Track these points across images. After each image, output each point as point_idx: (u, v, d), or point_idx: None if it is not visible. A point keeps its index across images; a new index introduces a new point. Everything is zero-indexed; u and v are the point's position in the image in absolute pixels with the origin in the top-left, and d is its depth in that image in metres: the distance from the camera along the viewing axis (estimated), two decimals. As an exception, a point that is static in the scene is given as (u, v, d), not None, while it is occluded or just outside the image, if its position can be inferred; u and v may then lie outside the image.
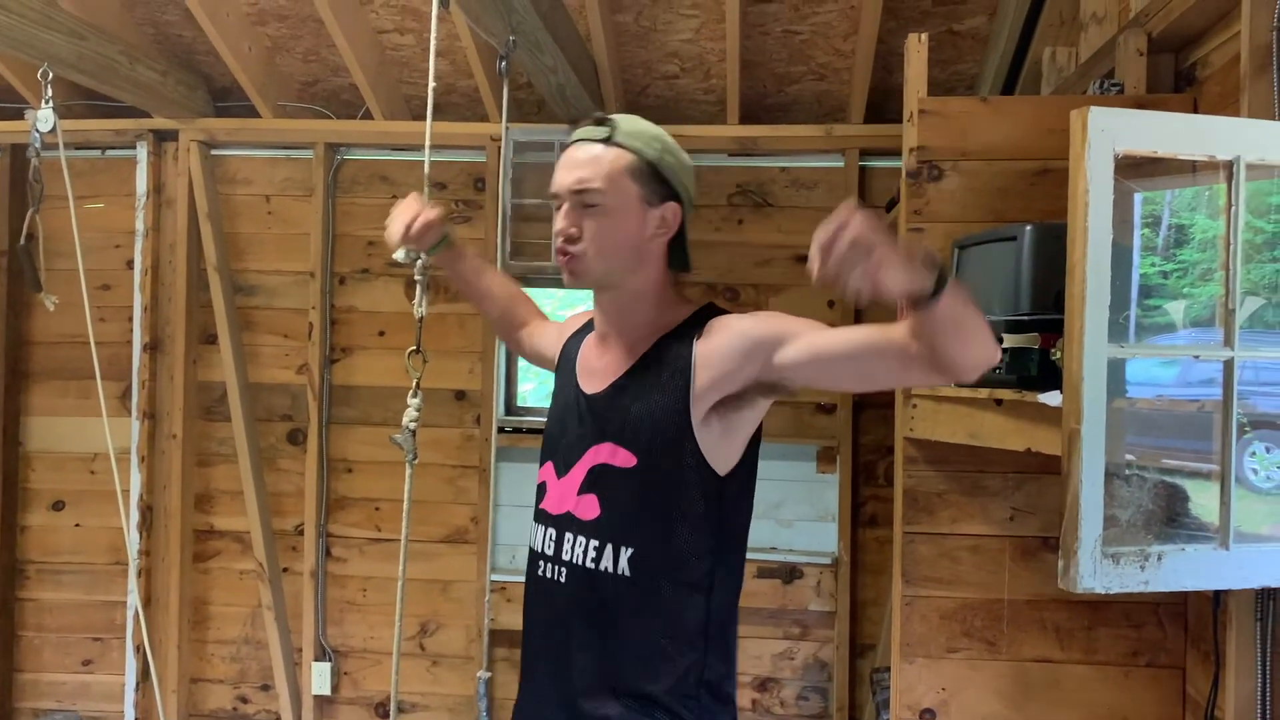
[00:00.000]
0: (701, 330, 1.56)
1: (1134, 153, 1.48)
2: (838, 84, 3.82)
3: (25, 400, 4.25)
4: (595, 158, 1.55)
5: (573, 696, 1.55)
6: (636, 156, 1.56)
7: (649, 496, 1.52)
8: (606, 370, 1.63)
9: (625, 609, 1.52)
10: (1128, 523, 1.53)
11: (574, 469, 1.59)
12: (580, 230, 1.55)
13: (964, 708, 2.50)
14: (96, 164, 4.21)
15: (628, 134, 1.57)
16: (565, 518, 1.58)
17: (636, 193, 1.56)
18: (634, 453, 1.53)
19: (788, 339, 1.46)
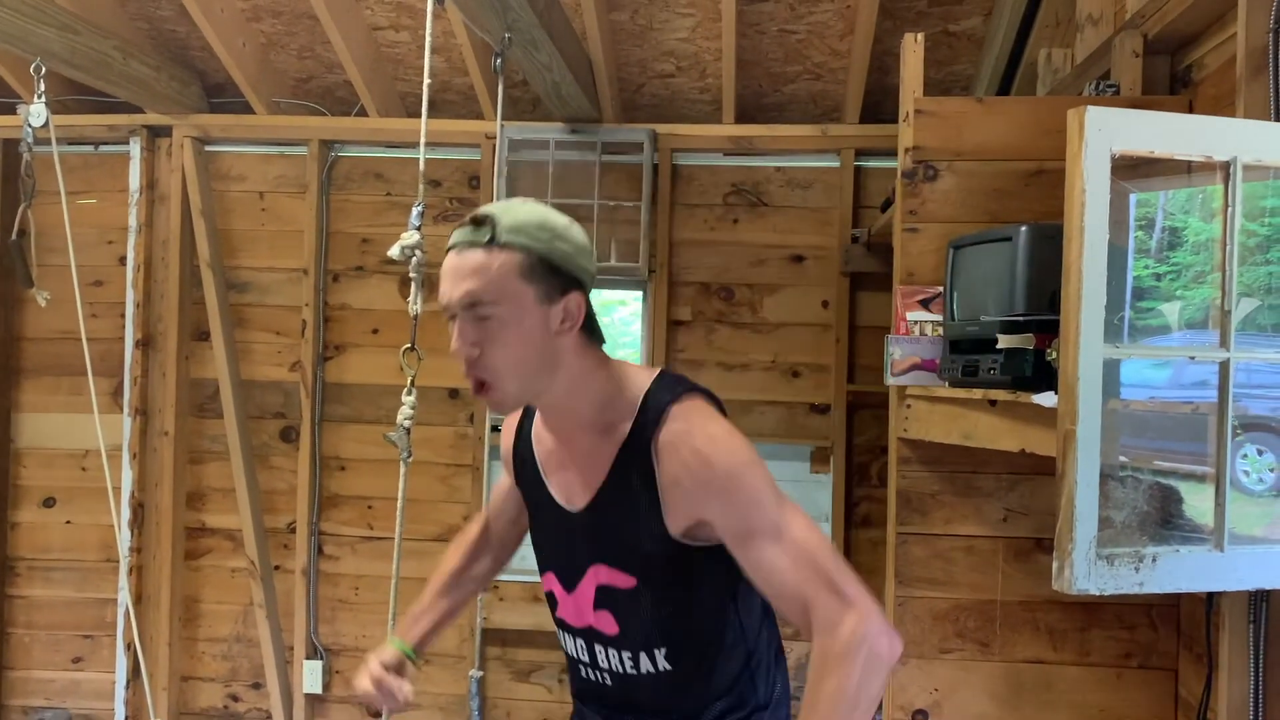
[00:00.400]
0: (656, 433, 1.43)
1: (1131, 152, 1.48)
2: (834, 84, 3.82)
3: (16, 396, 4.23)
4: (481, 265, 1.38)
5: None
6: (525, 254, 1.39)
7: (660, 607, 1.50)
8: (575, 483, 1.54)
9: (675, 689, 1.54)
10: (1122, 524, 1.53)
11: (579, 587, 1.56)
12: (480, 348, 1.40)
13: (957, 708, 2.50)
14: (89, 159, 4.19)
15: (512, 230, 1.40)
16: (589, 631, 1.57)
17: (532, 294, 1.40)
18: (631, 574, 1.50)
19: (738, 541, 1.40)
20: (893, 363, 2.44)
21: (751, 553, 1.38)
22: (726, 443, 1.41)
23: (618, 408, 1.48)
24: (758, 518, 1.38)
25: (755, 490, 1.39)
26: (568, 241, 1.44)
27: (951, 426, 2.26)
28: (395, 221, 4.05)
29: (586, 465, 1.51)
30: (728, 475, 1.39)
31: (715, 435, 1.42)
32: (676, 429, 1.42)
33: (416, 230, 2.36)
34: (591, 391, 1.48)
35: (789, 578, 1.36)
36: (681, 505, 1.42)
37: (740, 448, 1.42)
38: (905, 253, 2.49)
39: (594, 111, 3.80)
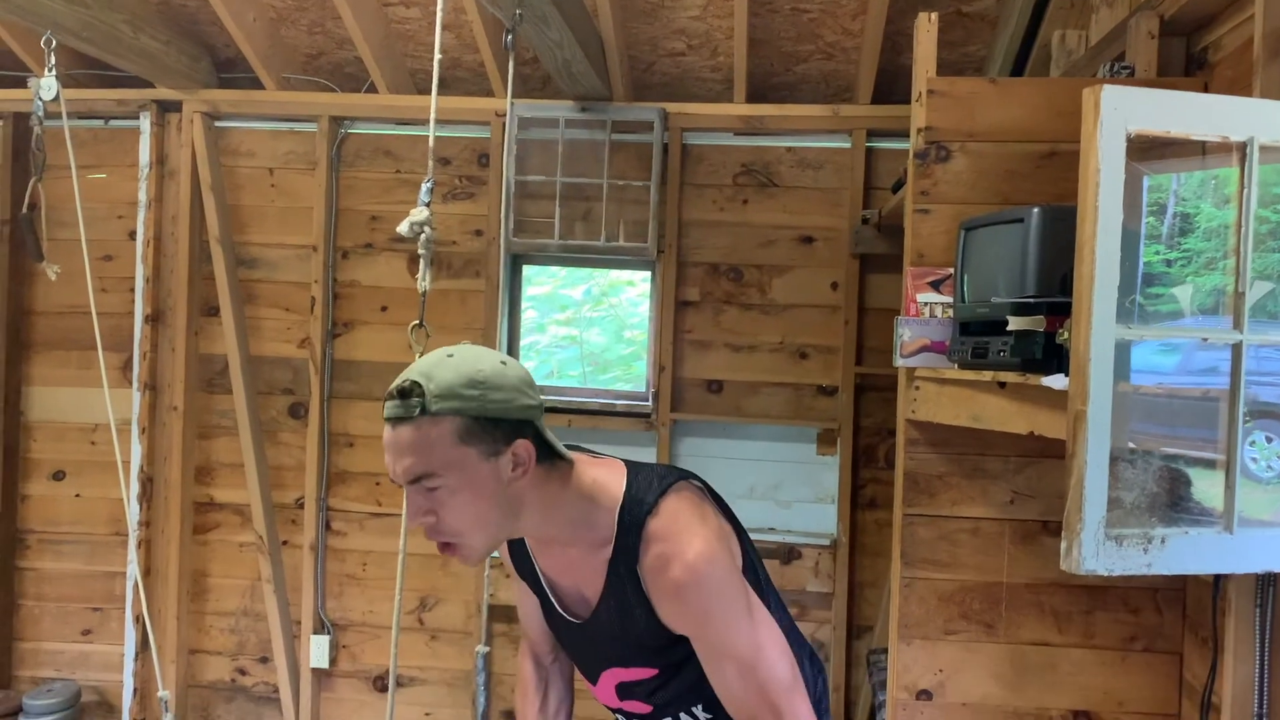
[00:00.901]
0: (640, 564, 1.45)
1: (1146, 132, 1.47)
2: (846, 64, 3.80)
3: (27, 370, 4.25)
4: (416, 437, 1.35)
5: None
6: (458, 418, 1.35)
7: (684, 680, 1.54)
8: (575, 595, 1.58)
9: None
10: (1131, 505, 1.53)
11: (600, 683, 1.62)
12: (434, 517, 1.39)
13: (961, 689, 2.50)
14: (99, 134, 4.19)
15: (440, 396, 1.35)
16: (623, 713, 1.63)
17: (475, 454, 1.37)
18: (649, 667, 1.55)
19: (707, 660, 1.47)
20: (902, 344, 2.43)
21: (719, 673, 1.46)
22: (703, 571, 1.42)
23: (595, 525, 1.48)
24: (727, 647, 1.45)
25: (728, 621, 1.44)
26: (501, 389, 1.39)
27: (960, 408, 2.26)
28: (404, 199, 4.05)
29: (582, 576, 1.53)
30: (703, 610, 1.43)
31: (691, 563, 1.42)
32: (657, 554, 1.44)
33: (426, 207, 2.37)
34: (562, 516, 1.48)
35: (747, 704, 1.45)
36: (671, 621, 1.47)
37: (716, 572, 1.43)
38: (916, 234, 2.48)
39: (604, 90, 3.79)
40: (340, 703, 4.14)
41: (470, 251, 4.06)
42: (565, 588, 1.58)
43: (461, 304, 4.05)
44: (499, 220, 3.95)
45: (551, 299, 4.44)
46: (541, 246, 3.99)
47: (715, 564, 1.43)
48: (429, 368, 1.39)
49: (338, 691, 4.14)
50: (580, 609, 1.56)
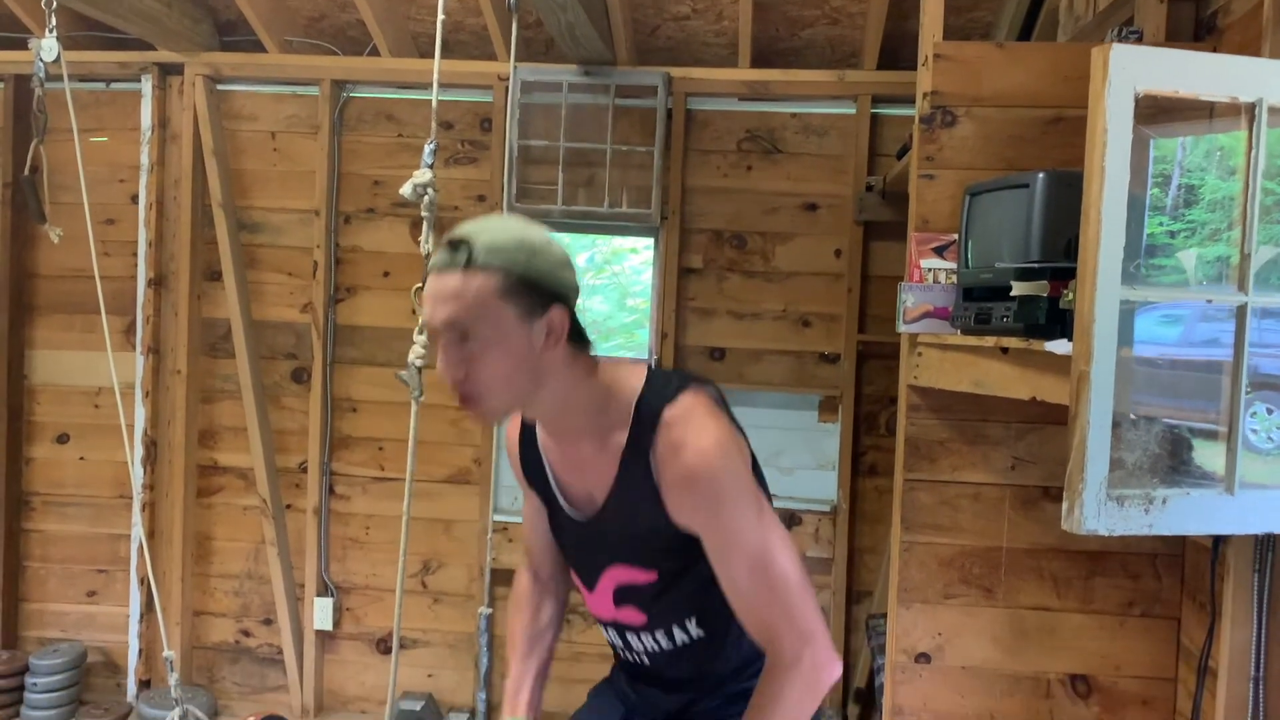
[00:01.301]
0: (654, 443, 1.46)
1: (1155, 92, 1.46)
2: (851, 29, 3.77)
3: (30, 333, 4.25)
4: (459, 289, 1.38)
5: (687, 703, 1.69)
6: (503, 274, 1.39)
7: (681, 590, 1.56)
8: (583, 492, 1.58)
9: (712, 651, 1.61)
10: (1133, 466, 1.53)
11: (599, 586, 1.62)
12: (465, 370, 1.41)
13: (959, 652, 2.53)
14: (100, 96, 4.17)
15: (489, 251, 1.39)
16: (617, 624, 1.64)
17: (513, 313, 1.40)
18: (649, 570, 1.55)
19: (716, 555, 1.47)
20: (905, 310, 2.44)
21: (727, 569, 1.46)
22: (716, 461, 1.44)
23: (611, 415, 1.50)
24: (737, 541, 1.44)
25: (737, 514, 1.44)
26: (546, 258, 1.43)
27: (962, 374, 2.27)
28: (407, 164, 4.03)
29: (591, 472, 1.54)
30: (715, 497, 1.43)
31: (705, 449, 1.44)
32: (671, 439, 1.45)
33: (429, 169, 2.36)
34: (582, 401, 1.50)
35: (756, 601, 1.46)
36: (678, 514, 1.47)
37: (729, 464, 1.45)
38: (921, 199, 2.48)
39: (608, 54, 3.77)
40: (343, 664, 4.18)
41: (472, 216, 4.02)
42: (574, 488, 1.60)
43: (464, 269, 4.03)
44: (501, 186, 3.93)
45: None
46: (544, 213, 3.98)
47: (728, 456, 1.45)
48: (480, 225, 1.44)
49: (341, 653, 4.18)
50: (587, 508, 1.58)
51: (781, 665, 1.44)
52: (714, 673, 1.65)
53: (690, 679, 1.66)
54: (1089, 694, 2.49)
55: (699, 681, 1.66)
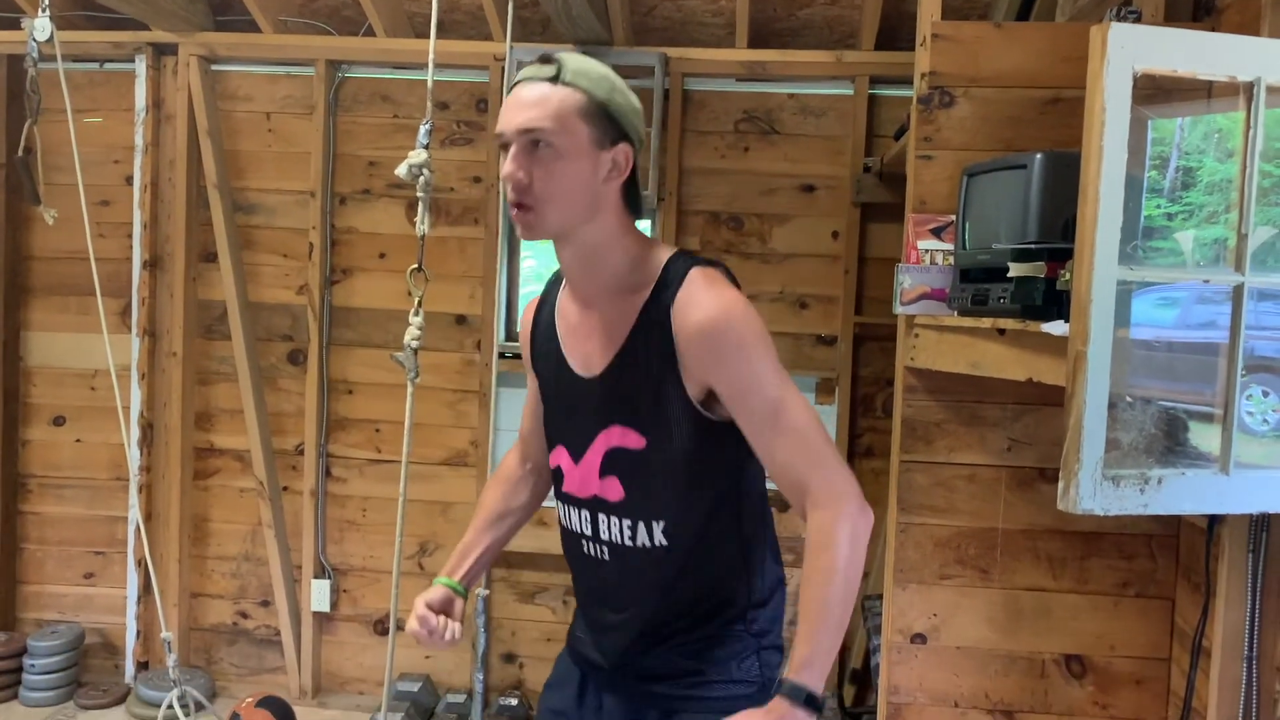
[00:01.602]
0: (674, 297, 1.50)
1: (1154, 71, 1.46)
2: (849, 9, 3.75)
3: (25, 315, 4.24)
4: (544, 97, 1.46)
5: (636, 648, 1.63)
6: (586, 96, 1.47)
7: (666, 472, 1.53)
8: (594, 352, 1.59)
9: (671, 574, 1.57)
10: (1129, 446, 1.54)
11: (588, 453, 1.59)
12: (530, 176, 1.46)
13: (955, 633, 2.54)
14: (94, 77, 4.15)
15: (576, 73, 1.48)
16: (594, 501, 1.60)
17: (587, 134, 1.47)
18: (641, 433, 1.53)
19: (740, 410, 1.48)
20: (902, 291, 2.43)
21: (752, 424, 1.47)
22: (739, 311, 1.47)
23: (642, 271, 1.54)
24: (759, 390, 1.46)
25: (759, 362, 1.47)
26: (626, 97, 1.52)
27: (959, 355, 2.27)
28: (402, 144, 4.00)
29: (607, 333, 1.56)
30: (737, 343, 1.45)
31: (729, 303, 1.48)
32: (694, 291, 1.49)
33: (424, 149, 2.35)
34: (620, 249, 1.55)
35: (784, 456, 1.46)
36: (695, 367, 1.48)
37: (751, 318, 1.48)
38: (918, 180, 2.47)
39: (604, 33, 3.75)
40: (341, 645, 4.19)
41: (469, 198, 4.04)
42: (584, 350, 1.61)
43: (460, 251, 4.03)
44: (497, 166, 3.91)
45: (551, 247, 4.42)
46: (541, 194, 3.97)
47: (750, 311, 1.49)
48: (569, 54, 1.51)
49: (338, 635, 4.19)
50: (596, 368, 1.58)
51: (820, 521, 1.44)
52: (666, 608, 1.59)
53: (641, 607, 1.60)
54: (1084, 674, 2.50)
55: (651, 616, 1.60)
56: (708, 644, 1.59)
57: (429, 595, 1.72)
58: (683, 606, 1.59)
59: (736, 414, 1.48)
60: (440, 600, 1.72)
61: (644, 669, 1.63)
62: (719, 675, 1.59)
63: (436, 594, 1.73)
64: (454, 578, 1.76)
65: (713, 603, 1.59)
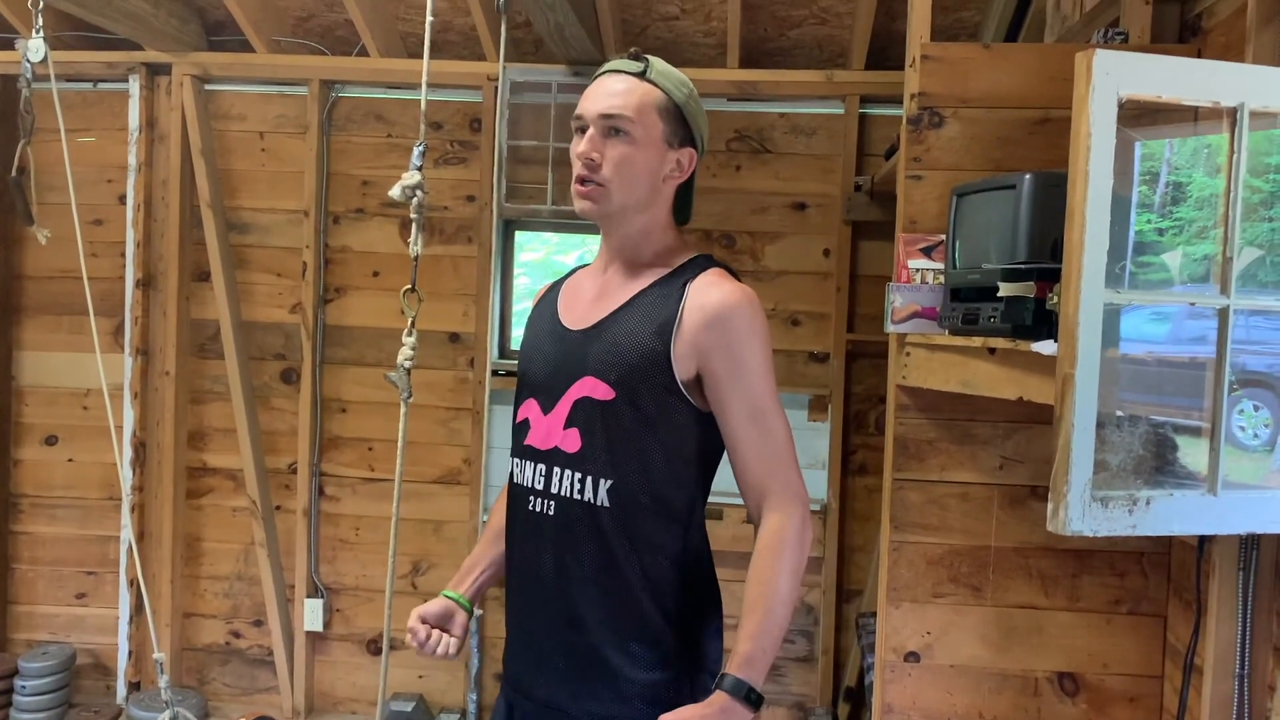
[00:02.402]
0: (694, 278, 1.59)
1: (1138, 97, 1.47)
2: (839, 29, 3.78)
3: (17, 335, 4.24)
4: (628, 89, 1.58)
5: (562, 626, 1.60)
6: (666, 96, 1.60)
7: (625, 430, 1.56)
8: (596, 306, 1.65)
9: (607, 539, 1.56)
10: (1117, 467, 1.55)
11: (559, 404, 1.61)
12: (602, 157, 1.57)
13: (948, 651, 2.54)
14: (88, 97, 4.16)
15: (660, 73, 1.61)
16: (553, 452, 1.61)
17: (661, 130, 1.59)
18: (611, 386, 1.56)
19: (725, 397, 1.54)
20: (893, 310, 2.44)
21: (733, 411, 1.54)
22: (757, 306, 1.57)
23: (670, 259, 1.64)
24: (751, 383, 1.54)
25: (759, 356, 1.55)
26: (699, 105, 1.65)
27: (950, 374, 2.28)
28: (396, 164, 4.03)
29: (610, 297, 1.63)
30: (748, 331, 1.54)
31: (751, 296, 1.58)
32: (718, 279, 1.59)
33: (418, 171, 2.36)
34: (662, 242, 1.65)
35: (755, 450, 1.54)
36: (691, 341, 1.54)
37: (764, 323, 1.57)
38: (909, 200, 2.48)
39: (597, 54, 3.77)
40: (334, 665, 4.18)
41: (462, 217, 4.05)
42: (576, 311, 1.67)
43: (454, 269, 4.04)
44: (491, 185, 3.93)
45: (545, 265, 4.43)
46: (534, 212, 3.99)
47: (762, 312, 1.58)
48: (656, 57, 1.64)
49: (331, 654, 4.18)
50: (586, 324, 1.64)
51: (779, 528, 1.51)
52: (599, 584, 1.57)
53: (575, 572, 1.58)
54: (1076, 692, 2.50)
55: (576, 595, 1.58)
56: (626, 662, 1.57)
57: (426, 607, 1.75)
58: (615, 592, 1.57)
59: (722, 399, 1.54)
60: (437, 613, 1.74)
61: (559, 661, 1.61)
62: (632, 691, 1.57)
63: (434, 607, 1.75)
64: (458, 591, 1.77)
65: (646, 596, 1.56)
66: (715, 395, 1.55)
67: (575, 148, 1.61)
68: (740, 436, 1.55)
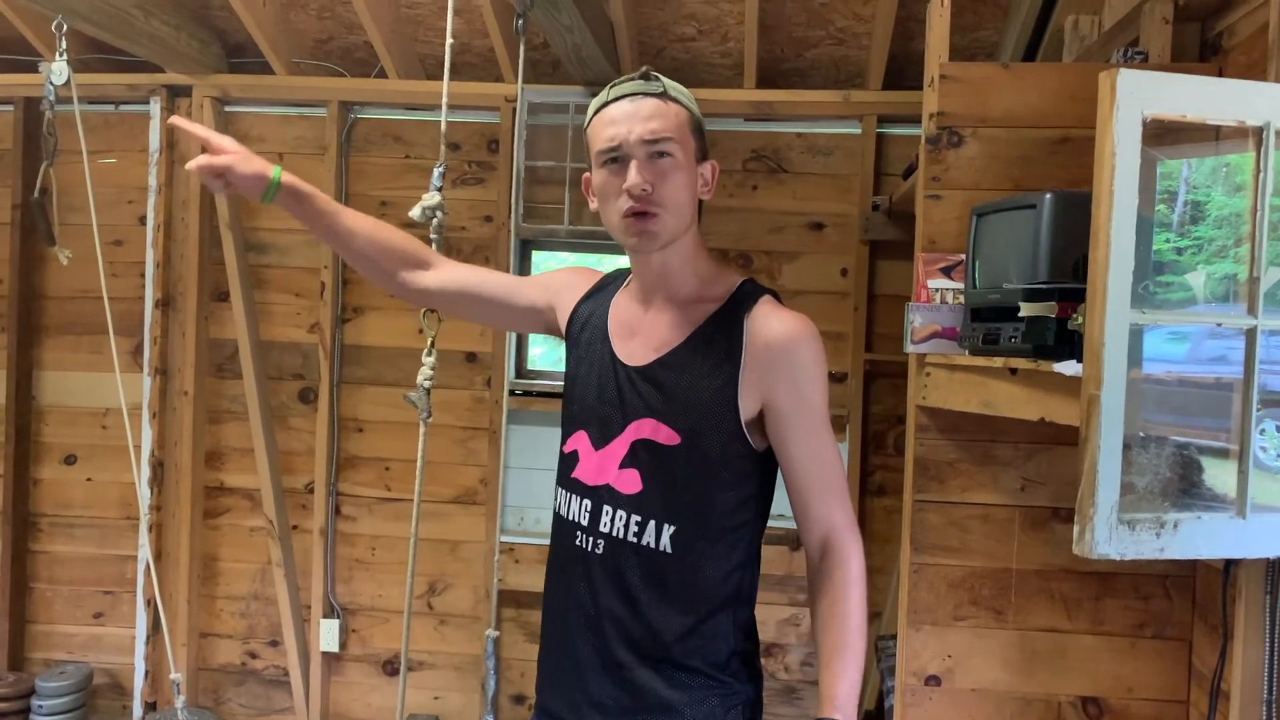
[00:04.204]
0: (749, 310, 1.55)
1: (1163, 116, 1.46)
2: (856, 49, 3.79)
3: (38, 354, 4.26)
4: (661, 110, 1.53)
5: (609, 665, 1.56)
6: (689, 112, 1.57)
7: (692, 475, 1.52)
8: (650, 340, 1.59)
9: (665, 582, 1.53)
10: (1144, 490, 1.53)
11: (614, 442, 1.57)
12: (654, 187, 1.50)
13: (969, 675, 2.51)
14: (110, 118, 4.20)
15: (676, 90, 1.57)
16: (604, 490, 1.57)
17: (694, 148, 1.56)
18: (678, 431, 1.52)
19: (787, 425, 1.52)
20: (913, 330, 2.43)
21: (797, 442, 1.52)
22: (818, 336, 1.56)
23: (712, 287, 1.60)
24: (813, 418, 1.53)
25: (821, 387, 1.55)
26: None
27: (971, 395, 2.26)
28: (414, 184, 4.04)
29: (662, 331, 1.59)
30: (812, 360, 1.53)
31: (811, 326, 1.56)
32: (776, 309, 1.57)
33: (438, 191, 2.37)
34: (699, 265, 1.61)
35: (818, 489, 1.53)
36: (757, 376, 1.51)
37: (824, 352, 1.57)
38: (928, 219, 2.48)
39: (613, 75, 3.75)
40: (349, 686, 4.16)
41: (479, 237, 4.06)
42: (628, 343, 1.62)
43: (471, 290, 4.04)
44: (508, 206, 3.94)
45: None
46: (550, 232, 4.00)
47: (823, 345, 1.57)
48: (657, 72, 1.59)
49: (347, 675, 4.17)
50: (641, 359, 1.59)
51: (838, 558, 1.51)
52: (653, 623, 1.53)
53: (624, 611, 1.54)
54: (1100, 716, 2.47)
55: (626, 628, 1.54)
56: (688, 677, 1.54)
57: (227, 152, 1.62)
58: (667, 632, 1.54)
59: (784, 433, 1.52)
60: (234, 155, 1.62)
61: (607, 699, 1.56)
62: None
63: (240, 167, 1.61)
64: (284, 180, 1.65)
65: (700, 638, 1.55)
66: (777, 429, 1.52)
67: (603, 183, 1.53)
68: (803, 471, 1.53)
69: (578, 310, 1.73)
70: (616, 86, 1.56)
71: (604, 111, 1.56)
